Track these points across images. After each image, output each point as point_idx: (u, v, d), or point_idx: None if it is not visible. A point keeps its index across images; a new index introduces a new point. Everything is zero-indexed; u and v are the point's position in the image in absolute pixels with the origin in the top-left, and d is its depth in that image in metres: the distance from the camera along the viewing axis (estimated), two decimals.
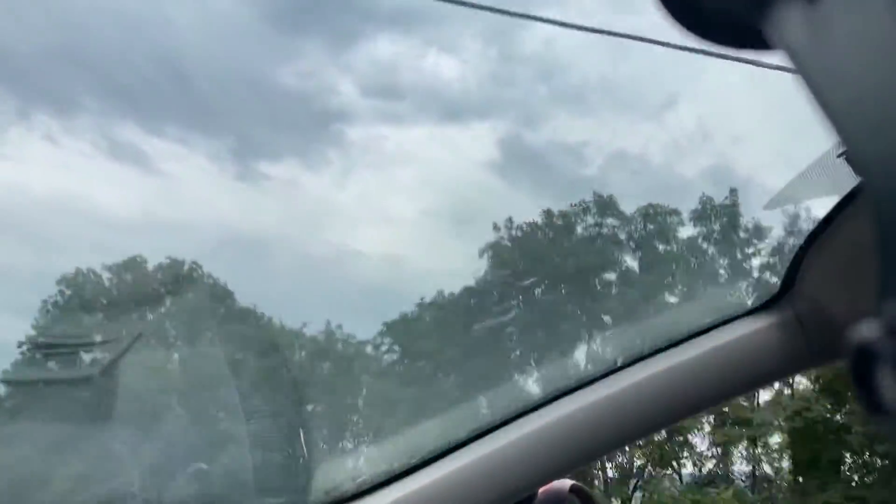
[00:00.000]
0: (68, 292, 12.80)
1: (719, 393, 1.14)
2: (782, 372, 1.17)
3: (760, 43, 0.33)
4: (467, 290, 14.84)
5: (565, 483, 1.23)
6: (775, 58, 0.32)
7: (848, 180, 0.92)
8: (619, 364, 1.12)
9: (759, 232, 16.52)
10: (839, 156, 0.85)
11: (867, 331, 0.29)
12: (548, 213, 16.65)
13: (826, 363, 1.14)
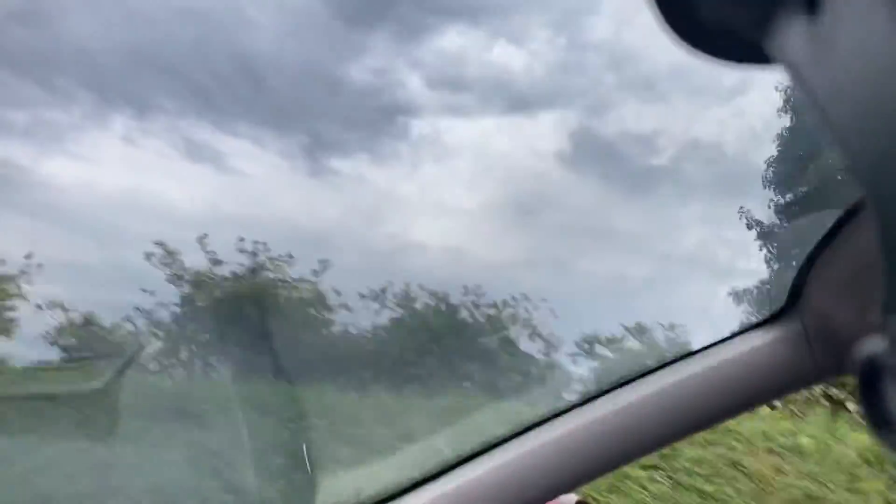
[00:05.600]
0: None
1: (727, 408, 1.13)
2: (789, 386, 1.16)
3: (761, 57, 0.33)
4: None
5: (571, 498, 1.22)
6: (776, 72, 0.32)
7: (852, 193, 0.92)
8: (625, 379, 1.11)
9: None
10: (843, 168, 0.85)
11: (874, 345, 0.28)
12: None
13: (833, 377, 1.13)
